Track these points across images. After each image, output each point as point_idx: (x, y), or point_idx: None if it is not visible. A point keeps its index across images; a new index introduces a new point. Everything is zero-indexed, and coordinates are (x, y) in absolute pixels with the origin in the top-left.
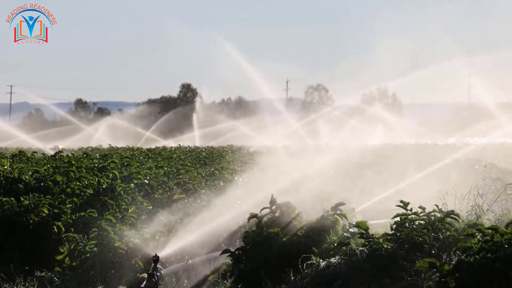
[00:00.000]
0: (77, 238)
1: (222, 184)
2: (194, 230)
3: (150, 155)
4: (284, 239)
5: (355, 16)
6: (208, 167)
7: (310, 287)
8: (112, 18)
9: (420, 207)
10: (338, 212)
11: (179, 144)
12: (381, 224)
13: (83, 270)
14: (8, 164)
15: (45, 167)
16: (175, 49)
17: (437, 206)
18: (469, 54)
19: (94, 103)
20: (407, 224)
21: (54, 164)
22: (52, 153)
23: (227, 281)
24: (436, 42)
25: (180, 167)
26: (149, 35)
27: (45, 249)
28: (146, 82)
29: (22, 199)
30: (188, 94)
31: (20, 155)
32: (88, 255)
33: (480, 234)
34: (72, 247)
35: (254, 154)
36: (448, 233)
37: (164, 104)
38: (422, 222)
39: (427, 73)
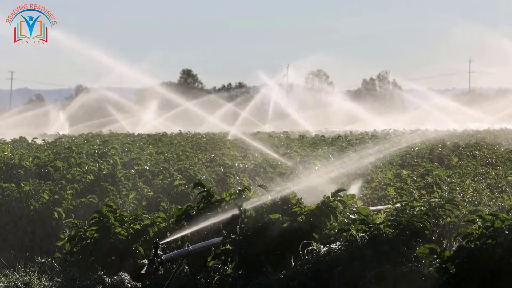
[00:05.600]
0: (78, 224)
1: (222, 170)
2: (194, 216)
3: (151, 141)
4: (284, 225)
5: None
6: (208, 153)
7: (310, 273)
8: (110, 4)
9: (421, 193)
10: (339, 198)
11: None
12: (381, 210)
13: (83, 256)
14: (9, 150)
15: (46, 153)
16: (179, 36)
17: (437, 192)
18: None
19: (95, 89)
20: (407, 210)
21: (54, 150)
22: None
23: (228, 267)
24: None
25: (180, 153)
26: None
27: (45, 235)
28: (147, 67)
29: (22, 185)
30: (188, 80)
31: (20, 141)
32: (88, 241)
33: (481, 220)
34: (72, 233)
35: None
36: (448, 219)
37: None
38: (422, 208)
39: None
